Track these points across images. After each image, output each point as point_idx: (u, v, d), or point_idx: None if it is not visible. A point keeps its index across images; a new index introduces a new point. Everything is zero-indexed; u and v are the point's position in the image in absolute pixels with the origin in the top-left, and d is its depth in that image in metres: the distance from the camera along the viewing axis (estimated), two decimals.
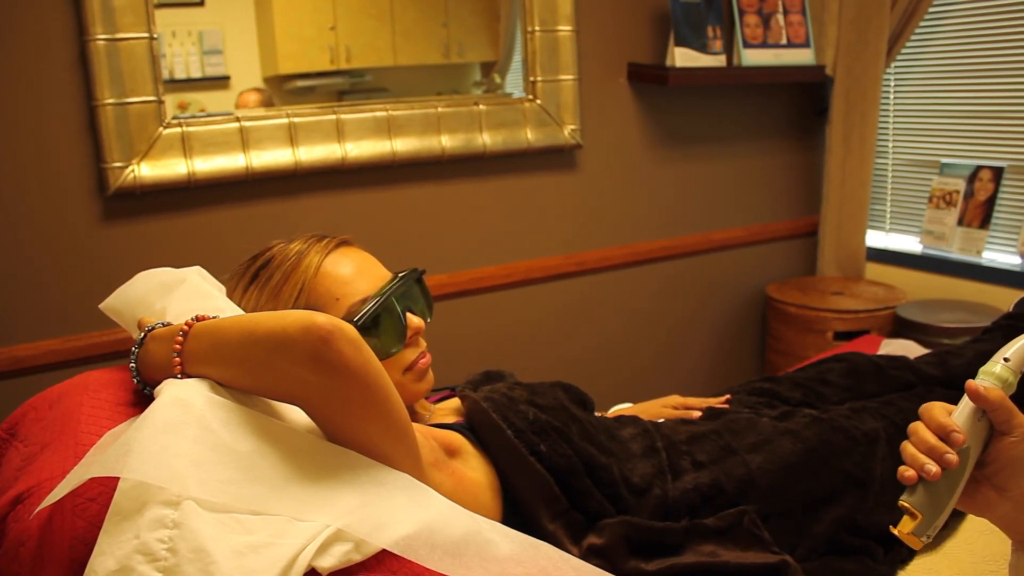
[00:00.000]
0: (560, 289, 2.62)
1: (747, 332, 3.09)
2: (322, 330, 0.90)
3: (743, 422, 1.44)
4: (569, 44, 2.45)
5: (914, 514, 0.86)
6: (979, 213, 2.75)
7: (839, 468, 1.40)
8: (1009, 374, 0.88)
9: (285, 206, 2.18)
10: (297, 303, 1.24)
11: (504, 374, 1.53)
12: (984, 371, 0.89)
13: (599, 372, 2.71)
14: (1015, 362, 0.89)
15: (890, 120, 3.02)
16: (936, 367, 1.76)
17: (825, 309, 2.73)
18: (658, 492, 1.27)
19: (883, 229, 3.13)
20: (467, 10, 2.56)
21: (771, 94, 2.98)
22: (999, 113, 2.69)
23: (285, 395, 0.97)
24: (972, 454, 0.87)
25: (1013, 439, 0.87)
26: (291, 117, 2.13)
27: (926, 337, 2.51)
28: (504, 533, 1.00)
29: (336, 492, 0.93)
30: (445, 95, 2.49)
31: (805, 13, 2.85)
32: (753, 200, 3.01)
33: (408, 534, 0.91)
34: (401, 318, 1.27)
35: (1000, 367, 0.89)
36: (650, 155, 2.73)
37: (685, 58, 2.59)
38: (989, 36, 2.67)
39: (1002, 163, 2.71)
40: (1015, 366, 0.89)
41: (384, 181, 2.29)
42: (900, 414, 1.53)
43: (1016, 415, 0.87)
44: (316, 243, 1.30)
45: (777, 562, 1.16)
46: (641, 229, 2.76)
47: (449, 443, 1.21)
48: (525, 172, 2.50)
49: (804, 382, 1.69)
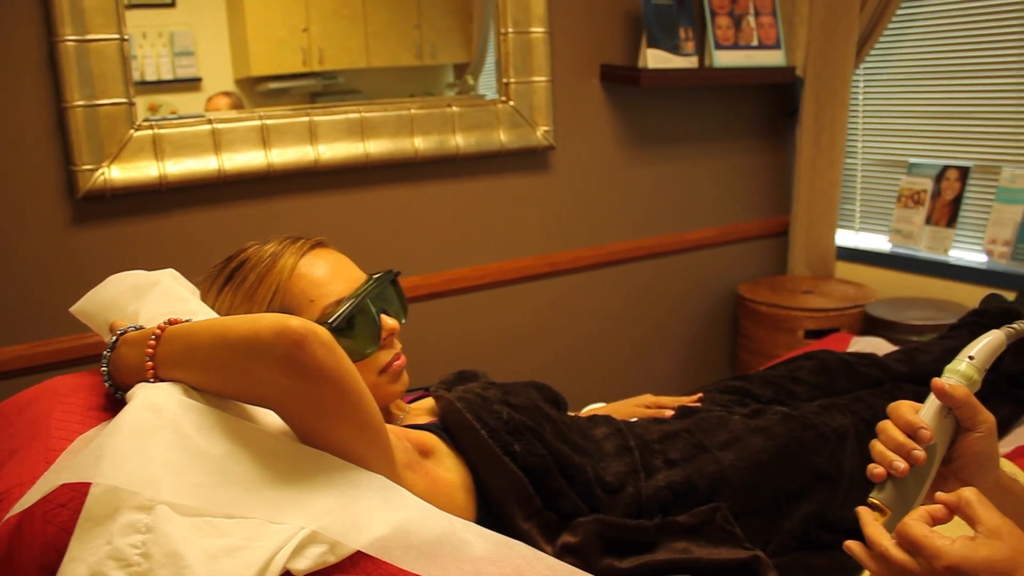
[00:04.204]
0: (533, 290, 2.63)
1: (719, 331, 3.11)
2: (295, 334, 0.90)
3: (715, 420, 1.45)
4: (542, 45, 2.46)
5: (883, 510, 0.88)
6: (946, 212, 2.79)
7: (809, 464, 1.42)
8: (974, 372, 0.90)
9: (258, 208, 2.17)
10: (272, 305, 1.24)
11: (478, 374, 1.54)
12: (950, 369, 0.91)
13: (572, 372, 2.72)
14: (980, 360, 0.90)
15: (859, 121, 3.05)
16: (904, 364, 1.79)
17: (796, 308, 2.75)
18: (631, 490, 1.28)
19: (853, 228, 3.16)
20: (440, 11, 2.56)
21: (742, 95, 3.00)
22: (965, 114, 2.73)
23: (258, 398, 0.97)
24: (939, 450, 0.89)
25: (978, 435, 0.89)
26: (264, 119, 2.12)
27: (895, 335, 2.54)
28: (478, 533, 1.01)
29: (310, 494, 0.93)
30: (418, 97, 2.49)
31: (776, 15, 2.88)
32: (724, 200, 3.03)
33: (383, 535, 0.91)
34: (376, 320, 1.28)
35: (965, 365, 0.90)
36: (622, 156, 2.75)
37: (657, 59, 2.61)
38: (956, 38, 2.71)
39: (968, 163, 2.75)
40: (980, 364, 0.90)
41: (357, 183, 2.29)
42: (869, 410, 1.55)
43: (981, 411, 0.89)
44: (291, 245, 1.30)
45: (749, 558, 1.18)
46: (613, 230, 2.77)
47: (423, 444, 1.22)
48: (498, 173, 2.50)
49: (775, 380, 1.71)
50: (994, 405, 1.63)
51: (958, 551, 0.75)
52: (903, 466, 0.87)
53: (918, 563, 0.78)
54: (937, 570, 0.76)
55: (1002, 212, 2.63)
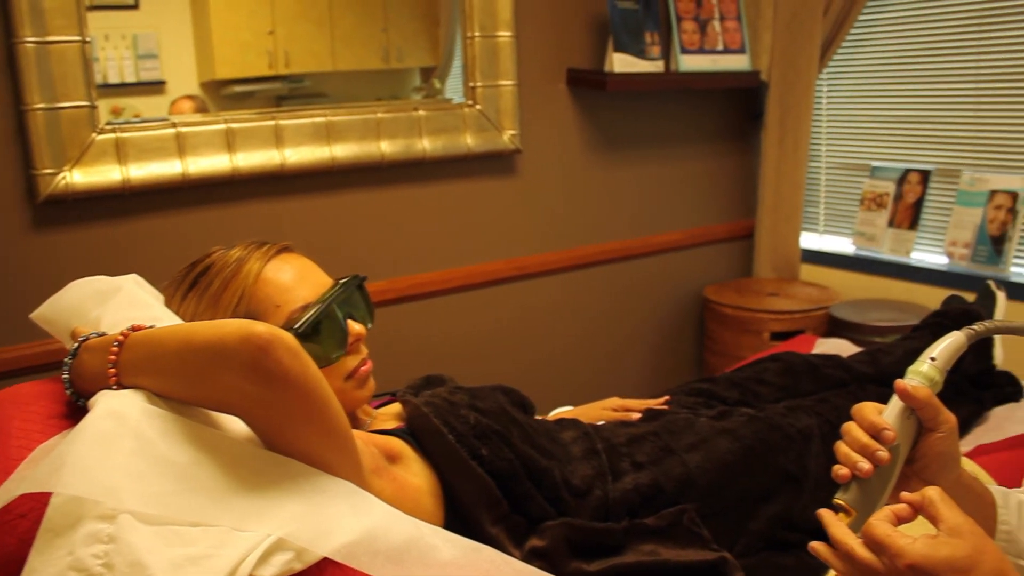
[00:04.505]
0: (500, 294, 2.63)
1: (685, 334, 3.13)
2: (261, 339, 0.89)
3: (681, 422, 1.46)
4: (509, 49, 2.46)
5: (848, 511, 0.89)
6: (908, 215, 2.83)
7: (775, 465, 1.43)
8: (936, 373, 0.91)
9: (223, 213, 2.15)
10: (237, 310, 1.23)
11: (445, 379, 1.54)
12: (912, 370, 0.92)
13: (539, 376, 2.73)
14: (941, 361, 0.92)
15: (823, 124, 3.09)
16: (868, 365, 1.81)
17: (761, 310, 2.78)
18: (599, 493, 1.29)
19: (817, 231, 3.20)
20: (406, 15, 2.56)
21: (708, 99, 3.03)
22: (926, 118, 2.77)
23: (224, 405, 0.96)
24: (902, 451, 0.90)
25: (940, 435, 0.90)
26: (229, 123, 2.10)
27: (858, 336, 2.57)
28: (446, 538, 1.01)
29: (276, 501, 0.92)
30: (384, 101, 2.48)
31: (741, 19, 2.90)
32: (691, 203, 3.05)
33: (350, 541, 0.91)
34: (342, 325, 1.27)
35: (927, 366, 0.91)
36: (589, 160, 2.76)
37: (623, 63, 2.62)
38: (916, 44, 2.75)
39: (929, 166, 2.79)
40: (941, 365, 0.91)
41: (324, 187, 2.28)
42: (834, 411, 1.57)
43: (942, 412, 0.90)
44: (256, 250, 1.29)
45: (716, 559, 1.19)
46: (580, 233, 2.78)
47: (390, 449, 1.21)
48: (465, 177, 2.50)
49: (741, 382, 1.72)
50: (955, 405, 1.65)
51: (919, 550, 0.76)
52: (867, 467, 0.88)
53: (882, 562, 0.79)
54: (900, 568, 0.77)
55: (962, 215, 2.67)
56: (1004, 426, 1.77)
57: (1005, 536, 0.97)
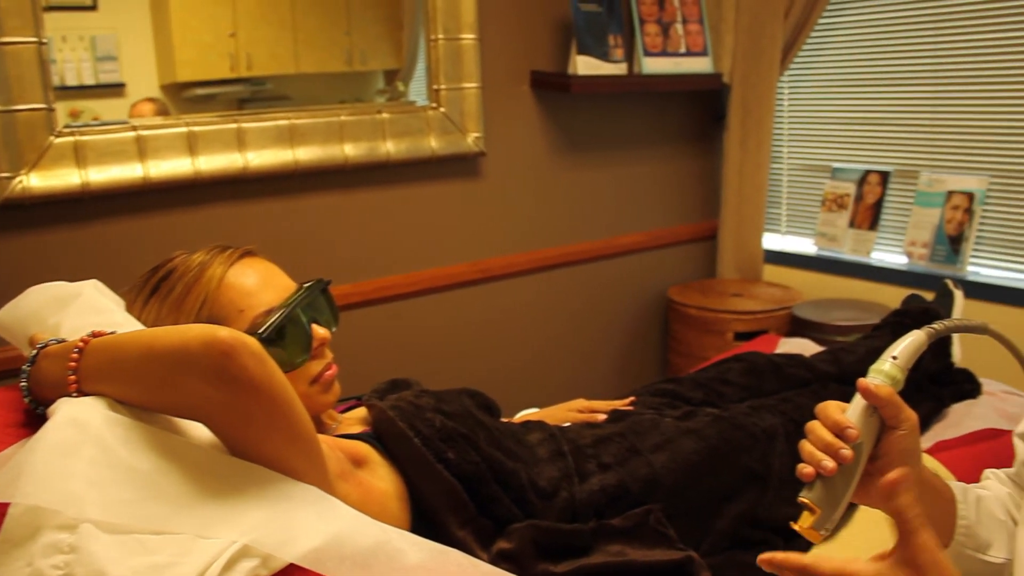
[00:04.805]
0: (465, 297, 2.63)
1: (649, 335, 3.15)
2: (224, 344, 0.89)
3: (647, 423, 1.47)
4: (472, 52, 2.46)
5: (813, 509, 0.89)
6: (868, 215, 2.87)
7: (740, 465, 1.44)
8: (897, 371, 0.92)
9: (185, 217, 2.13)
10: (200, 315, 1.22)
11: (411, 382, 1.53)
12: (874, 369, 0.93)
13: (505, 378, 2.73)
14: (903, 360, 0.93)
15: (784, 126, 3.12)
16: (830, 364, 1.84)
17: (725, 311, 2.80)
18: (565, 495, 1.29)
19: (779, 232, 3.23)
20: (370, 18, 2.55)
21: (671, 101, 3.05)
22: (885, 120, 2.81)
23: (187, 411, 0.96)
24: (865, 449, 0.91)
25: (902, 432, 0.91)
26: (190, 126, 2.08)
27: (821, 335, 2.60)
28: (413, 542, 1.00)
29: (241, 507, 0.91)
30: (348, 103, 2.47)
31: (703, 22, 2.93)
32: (654, 205, 3.07)
33: (316, 547, 0.90)
34: (306, 329, 1.26)
35: (889, 365, 0.92)
36: (553, 162, 2.77)
37: (587, 66, 2.63)
38: (875, 47, 2.79)
39: (889, 167, 2.83)
40: (903, 363, 0.93)
41: (287, 190, 2.26)
42: (797, 410, 1.59)
43: (904, 410, 0.92)
44: (219, 254, 1.28)
45: (682, 558, 1.19)
46: (545, 235, 2.79)
47: (355, 453, 1.21)
48: (429, 180, 2.50)
49: (705, 382, 1.73)
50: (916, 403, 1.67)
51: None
52: (832, 465, 0.88)
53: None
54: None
55: (921, 215, 2.71)
56: (963, 422, 1.80)
57: (964, 531, 0.99)
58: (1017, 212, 2.52)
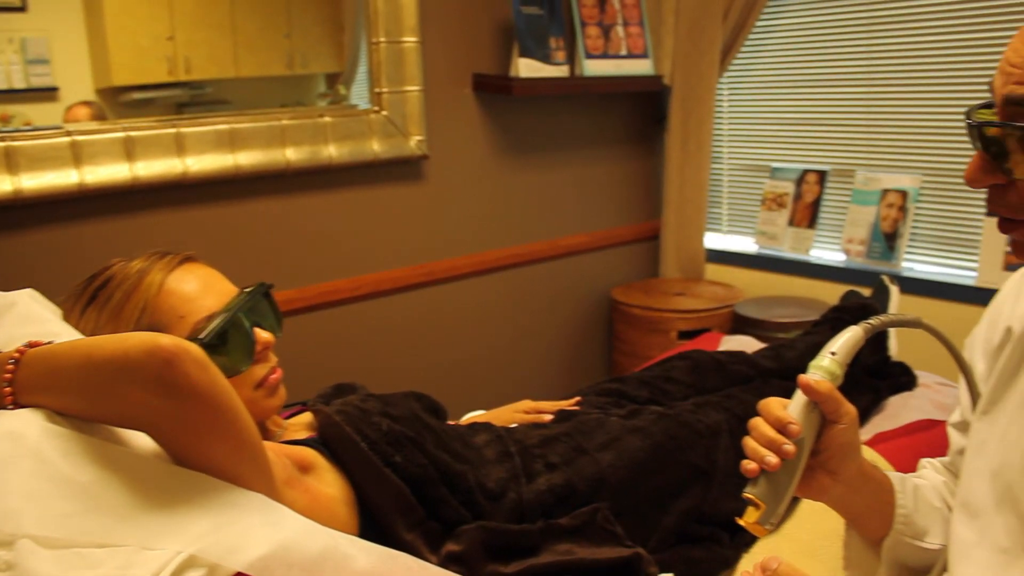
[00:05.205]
0: (410, 300, 2.62)
1: (594, 335, 3.17)
2: (166, 352, 0.87)
3: (593, 422, 1.48)
4: (414, 55, 2.45)
5: (758, 504, 0.91)
6: (807, 214, 2.92)
7: (685, 461, 1.46)
8: (836, 367, 0.94)
9: (123, 224, 2.09)
10: (140, 323, 1.20)
11: (356, 387, 1.53)
12: (814, 365, 0.95)
13: (451, 381, 2.73)
14: (841, 355, 0.95)
15: (724, 127, 3.17)
16: (772, 360, 1.87)
17: (668, 310, 2.83)
18: (513, 496, 1.30)
19: (720, 231, 3.28)
20: (310, 21, 2.53)
21: (612, 103, 3.07)
22: (822, 120, 2.87)
23: (129, 421, 0.94)
24: (807, 443, 0.93)
25: (842, 426, 0.94)
26: (128, 131, 2.04)
27: (762, 332, 2.64)
28: (362, 547, 1.00)
29: (186, 517, 0.90)
30: (289, 107, 2.45)
31: (644, 25, 2.96)
32: (597, 206, 3.09)
33: (263, 555, 0.90)
34: (249, 334, 1.25)
35: (828, 360, 0.94)
36: (496, 164, 2.77)
37: (529, 68, 2.64)
38: (813, 49, 2.84)
39: (826, 167, 2.89)
40: (841, 359, 0.95)
41: (228, 195, 2.24)
42: (741, 406, 1.61)
43: (843, 404, 0.94)
44: (159, 260, 1.26)
45: (630, 555, 1.21)
46: (489, 238, 2.79)
47: (302, 459, 1.20)
48: (372, 184, 2.49)
49: (650, 380, 1.75)
50: (855, 396, 1.71)
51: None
52: (775, 461, 0.90)
53: None
54: None
55: (857, 213, 2.77)
56: (900, 414, 1.84)
57: (903, 519, 1.02)
58: (948, 209, 2.59)
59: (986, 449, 0.94)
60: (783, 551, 1.40)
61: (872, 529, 1.04)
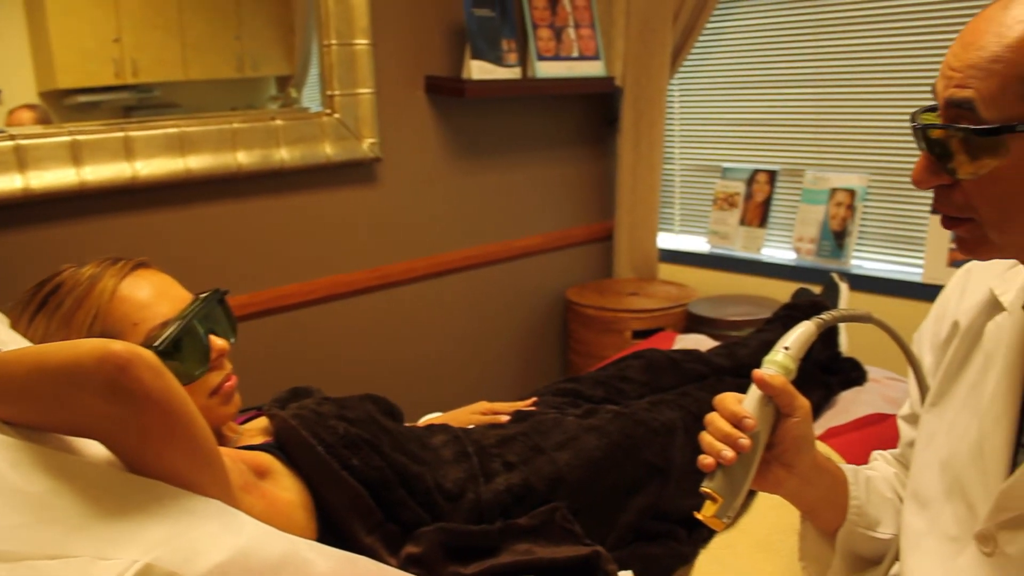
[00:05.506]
0: (365, 303, 2.61)
1: (549, 336, 3.18)
2: (119, 358, 0.86)
3: (549, 422, 1.49)
4: (366, 57, 2.45)
5: (715, 498, 0.92)
6: (758, 213, 2.96)
7: (641, 459, 1.47)
8: (789, 361, 0.96)
9: (72, 229, 2.05)
10: (92, 330, 1.18)
11: (312, 390, 1.52)
12: (767, 360, 0.97)
13: (407, 383, 2.72)
14: (794, 350, 0.97)
15: (675, 128, 3.20)
16: (726, 358, 1.89)
17: (622, 310, 2.85)
18: (471, 496, 1.30)
19: (673, 231, 3.31)
20: (260, 23, 2.50)
21: (564, 105, 3.09)
22: (772, 121, 2.92)
23: (81, 429, 0.92)
24: (762, 437, 0.94)
25: (796, 419, 0.95)
26: (74, 134, 2.01)
27: (715, 331, 2.67)
28: (320, 551, 1.00)
29: (142, 525, 0.89)
30: (240, 110, 2.42)
31: (595, 27, 2.97)
32: (551, 207, 3.11)
33: (222, 561, 0.89)
34: (204, 340, 1.24)
35: (781, 355, 0.96)
36: (450, 166, 2.77)
37: (481, 71, 2.65)
38: (761, 50, 2.89)
39: (776, 166, 2.93)
40: (794, 353, 0.96)
41: (179, 200, 2.21)
42: (696, 404, 1.63)
43: (797, 397, 0.95)
44: (110, 266, 1.24)
45: (589, 553, 1.21)
46: (443, 240, 2.79)
47: (258, 464, 1.19)
48: (325, 187, 2.47)
49: (605, 380, 1.77)
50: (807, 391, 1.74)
51: None
52: (731, 454, 0.91)
53: None
54: None
55: (807, 212, 2.81)
56: (851, 409, 1.88)
57: (856, 510, 1.04)
58: (895, 208, 2.64)
59: (935, 441, 0.97)
60: (740, 545, 1.42)
61: (827, 520, 1.06)
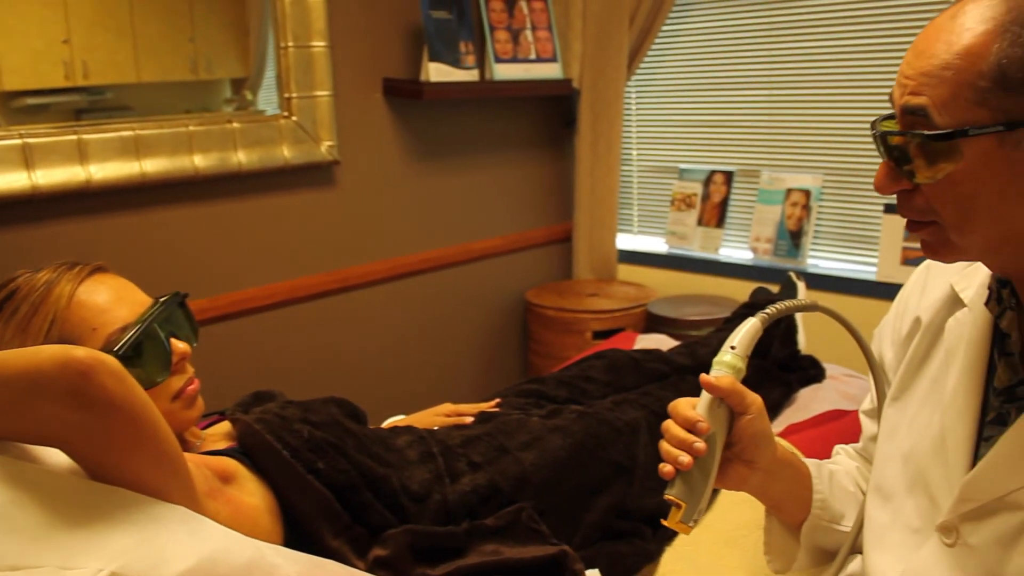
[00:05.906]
0: (326, 306, 2.60)
1: (509, 337, 3.19)
2: (81, 364, 0.85)
3: (514, 423, 1.49)
4: (323, 60, 2.43)
5: (679, 504, 0.93)
6: (715, 213, 2.99)
7: (606, 458, 1.48)
8: (737, 360, 0.97)
9: (25, 235, 2.02)
10: (49, 336, 1.16)
11: (275, 394, 1.51)
12: (716, 361, 0.97)
13: (370, 386, 2.71)
14: (741, 348, 0.97)
15: (633, 129, 3.22)
16: (686, 357, 1.91)
17: (582, 310, 2.86)
18: (438, 497, 1.30)
19: (631, 232, 3.33)
20: (215, 25, 2.48)
21: (522, 107, 3.10)
22: (727, 122, 2.95)
23: (42, 437, 0.91)
24: (719, 439, 0.95)
25: (750, 417, 0.96)
26: (24, 137, 1.97)
27: (675, 330, 2.70)
28: (287, 556, 0.99)
29: (107, 533, 0.88)
30: (195, 113, 2.39)
31: (552, 29, 2.99)
32: (510, 209, 3.11)
33: (188, 568, 0.88)
34: (165, 344, 1.22)
35: (729, 355, 0.97)
36: (408, 169, 2.76)
37: (439, 73, 2.64)
38: (717, 53, 2.92)
39: (732, 167, 2.97)
40: (742, 351, 0.97)
41: (135, 204, 2.18)
42: (658, 403, 1.65)
43: (748, 395, 0.96)
44: (67, 271, 1.22)
45: (556, 552, 1.22)
46: (402, 243, 2.78)
47: (223, 469, 1.18)
48: (283, 190, 2.46)
49: (568, 380, 1.77)
50: (767, 389, 1.77)
51: None
52: (688, 460, 0.92)
53: None
54: None
55: (763, 212, 2.85)
56: (810, 406, 1.90)
57: (820, 504, 1.05)
58: (848, 207, 2.69)
59: (897, 435, 0.98)
60: (705, 542, 1.43)
61: (791, 514, 1.07)
